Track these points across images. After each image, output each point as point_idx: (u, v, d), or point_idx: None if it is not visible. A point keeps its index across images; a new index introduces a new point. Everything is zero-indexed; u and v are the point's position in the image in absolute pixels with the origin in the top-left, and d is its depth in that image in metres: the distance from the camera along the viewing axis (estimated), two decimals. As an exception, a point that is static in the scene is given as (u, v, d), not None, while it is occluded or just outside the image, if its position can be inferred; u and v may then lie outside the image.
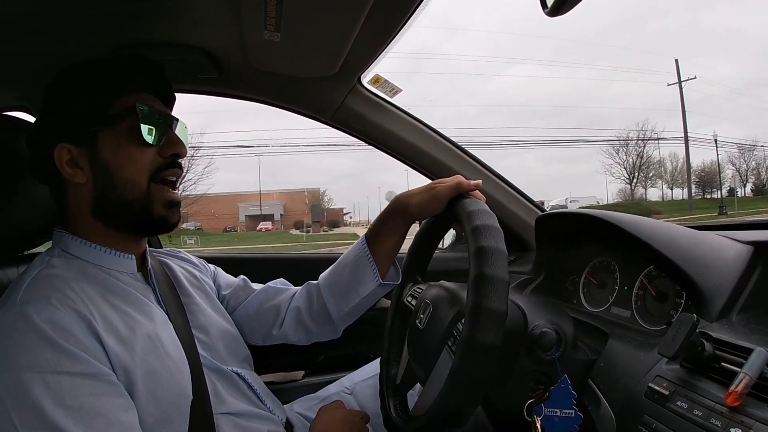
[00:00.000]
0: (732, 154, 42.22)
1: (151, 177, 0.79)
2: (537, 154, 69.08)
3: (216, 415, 0.79)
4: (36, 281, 0.70)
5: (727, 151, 42.86)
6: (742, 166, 42.98)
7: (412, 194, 0.93)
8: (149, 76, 0.85)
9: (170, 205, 0.82)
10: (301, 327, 1.05)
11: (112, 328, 0.69)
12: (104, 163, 0.77)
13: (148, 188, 0.79)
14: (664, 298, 0.84)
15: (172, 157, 0.82)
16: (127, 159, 0.78)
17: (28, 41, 0.93)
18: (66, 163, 0.77)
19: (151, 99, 0.83)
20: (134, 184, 0.78)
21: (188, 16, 0.96)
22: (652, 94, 52.07)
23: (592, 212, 0.98)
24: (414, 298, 0.92)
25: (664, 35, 75.18)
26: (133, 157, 0.78)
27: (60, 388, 0.61)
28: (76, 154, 0.77)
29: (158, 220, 0.81)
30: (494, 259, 0.64)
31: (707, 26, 79.84)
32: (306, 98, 1.33)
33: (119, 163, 0.77)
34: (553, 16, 0.64)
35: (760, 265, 0.73)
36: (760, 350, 0.54)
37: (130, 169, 0.78)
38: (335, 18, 0.91)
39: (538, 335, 0.72)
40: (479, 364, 0.60)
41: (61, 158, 0.77)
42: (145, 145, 0.79)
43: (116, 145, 0.77)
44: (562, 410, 0.70)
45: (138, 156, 0.78)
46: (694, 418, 0.55)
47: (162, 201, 0.80)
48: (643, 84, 50.18)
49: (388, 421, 0.86)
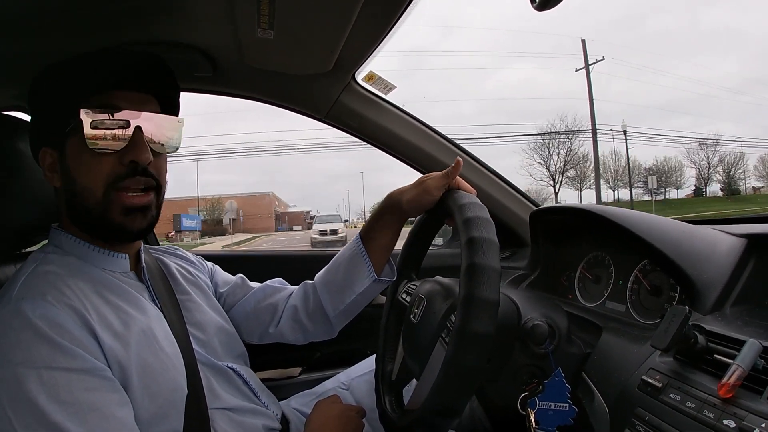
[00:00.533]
0: (692, 150, 41.09)
1: (109, 186, 0.74)
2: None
3: (211, 410, 0.80)
4: (31, 278, 0.70)
5: (686, 147, 42.11)
6: (702, 162, 41.75)
7: (403, 191, 0.94)
8: (124, 71, 0.78)
9: (128, 212, 0.76)
10: (297, 326, 1.05)
11: (106, 324, 0.69)
12: (68, 169, 0.76)
13: (104, 196, 0.74)
14: (658, 292, 0.84)
15: (131, 165, 0.75)
16: (84, 166, 0.74)
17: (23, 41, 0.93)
18: (47, 167, 0.77)
19: (124, 97, 0.76)
20: (89, 193, 0.75)
21: (183, 15, 0.96)
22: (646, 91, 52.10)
23: (586, 207, 0.98)
24: (408, 295, 0.92)
25: (663, 34, 75.19)
26: (89, 165, 0.74)
27: (55, 384, 0.61)
28: (55, 158, 0.77)
29: (117, 228, 0.76)
30: (485, 249, 0.65)
31: (706, 25, 79.92)
32: (300, 96, 1.33)
33: (79, 170, 0.75)
34: (541, 11, 0.64)
35: (754, 258, 0.73)
36: (752, 342, 0.54)
37: (87, 177, 0.74)
38: (328, 15, 0.91)
39: (531, 328, 0.72)
40: (472, 352, 0.60)
41: (44, 161, 0.78)
42: (100, 152, 0.74)
43: (78, 152, 0.74)
44: (556, 403, 0.70)
45: (94, 164, 0.74)
46: (687, 410, 0.55)
47: (119, 208, 0.75)
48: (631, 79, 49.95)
49: (384, 416, 0.86)
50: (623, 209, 0.92)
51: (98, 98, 0.75)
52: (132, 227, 0.77)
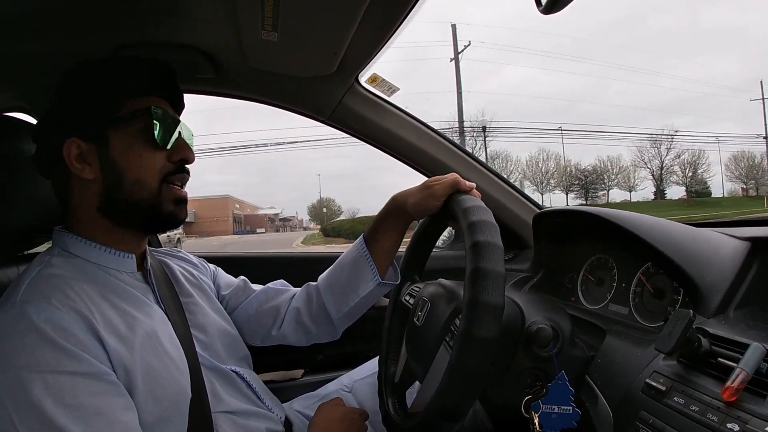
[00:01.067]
0: (643, 147, 37.19)
1: (163, 179, 0.80)
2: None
3: (215, 414, 0.80)
4: (36, 281, 0.70)
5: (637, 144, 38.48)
6: (653, 161, 37.90)
7: (409, 194, 0.93)
8: (163, 81, 0.86)
9: (178, 202, 0.83)
10: (300, 328, 1.05)
11: (111, 327, 0.70)
12: (114, 161, 0.77)
13: (159, 189, 0.80)
14: (661, 295, 0.84)
15: (180, 162, 0.83)
16: (138, 160, 0.78)
17: (25, 42, 0.94)
18: (75, 158, 0.77)
19: (163, 103, 0.84)
20: (143, 185, 0.78)
21: (186, 16, 0.97)
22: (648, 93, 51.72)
23: (589, 209, 0.98)
24: (412, 297, 0.92)
25: (664, 33, 74.94)
26: (144, 159, 0.79)
27: (60, 388, 0.61)
28: (86, 149, 0.77)
29: (167, 216, 0.82)
30: (490, 253, 0.64)
31: (708, 24, 79.69)
32: (304, 98, 1.33)
33: (129, 163, 0.78)
34: (547, 14, 0.64)
35: (757, 262, 0.73)
36: (756, 345, 0.54)
37: (140, 170, 0.78)
38: (332, 17, 0.92)
39: (535, 331, 0.72)
40: (476, 357, 0.60)
41: (70, 153, 0.77)
42: (156, 147, 0.80)
43: (127, 145, 0.78)
44: (559, 406, 0.70)
45: (148, 158, 0.79)
46: (691, 414, 0.55)
47: (171, 199, 0.81)
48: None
49: (387, 419, 0.86)
50: (626, 212, 0.92)
51: (143, 100, 0.80)
52: (180, 216, 0.84)
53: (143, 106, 0.79)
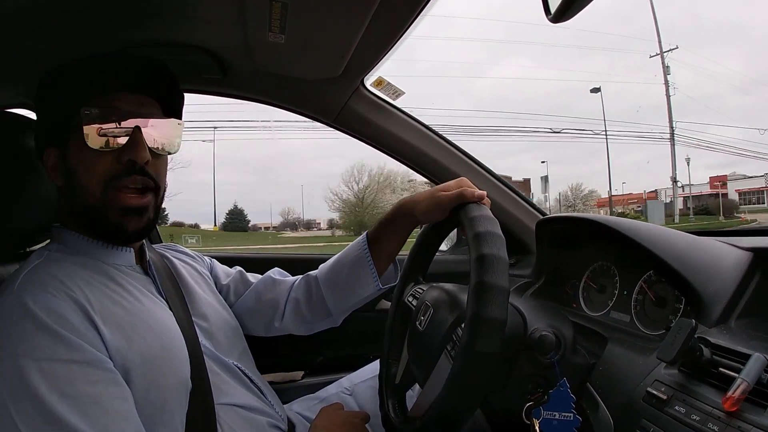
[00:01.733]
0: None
1: (106, 184, 0.75)
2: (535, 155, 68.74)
3: (218, 406, 0.80)
4: (34, 271, 0.71)
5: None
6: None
7: (417, 200, 0.93)
8: (126, 74, 0.80)
9: (125, 212, 0.77)
10: (300, 319, 1.06)
11: (109, 316, 0.70)
12: (69, 168, 0.77)
13: (102, 195, 0.76)
14: (663, 303, 0.84)
15: (128, 163, 0.76)
16: (83, 165, 0.76)
17: (31, 39, 0.94)
18: (51, 167, 0.79)
19: (126, 99, 0.78)
20: (88, 191, 0.76)
21: (193, 17, 0.97)
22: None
23: (592, 217, 0.98)
24: (415, 299, 0.92)
25: (663, 29, 74.55)
26: (87, 163, 0.75)
27: (56, 376, 0.61)
28: (58, 157, 0.78)
29: (113, 228, 0.77)
30: (495, 267, 0.64)
31: (709, 20, 79.32)
32: (309, 100, 1.33)
33: (79, 169, 0.76)
34: (556, 22, 0.64)
35: (760, 272, 0.73)
36: (757, 356, 0.54)
37: (86, 176, 0.76)
38: (340, 21, 0.92)
39: (538, 339, 0.72)
40: (477, 371, 0.60)
41: (48, 161, 0.79)
42: (99, 151, 0.75)
43: (78, 151, 0.76)
44: (560, 413, 0.70)
45: (91, 162, 0.75)
46: (692, 423, 0.55)
47: (116, 207, 0.76)
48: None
49: (387, 420, 0.86)
50: (629, 220, 0.92)
51: (100, 99, 0.76)
52: (128, 227, 0.78)
53: (101, 107, 0.75)
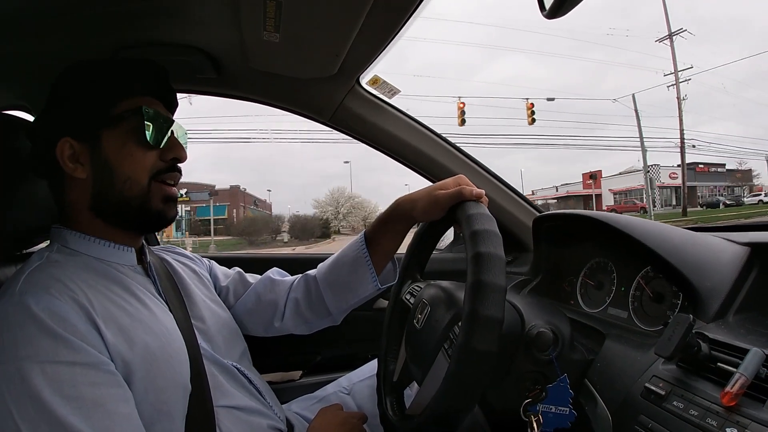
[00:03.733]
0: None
1: (152, 177, 0.81)
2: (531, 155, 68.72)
3: (217, 408, 0.79)
4: (35, 273, 0.70)
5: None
6: None
7: (414, 199, 0.93)
8: (155, 80, 0.87)
9: (167, 200, 0.83)
10: (300, 318, 1.05)
11: (111, 318, 0.70)
12: (106, 160, 0.78)
13: (148, 187, 0.81)
14: (660, 299, 0.84)
15: (172, 161, 0.84)
16: (129, 158, 0.79)
17: (28, 41, 0.94)
18: (68, 158, 0.78)
19: (155, 103, 0.85)
20: (134, 183, 0.79)
21: (187, 17, 0.97)
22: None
23: (588, 213, 0.98)
24: (412, 296, 0.92)
25: (660, 23, 74.53)
26: (135, 157, 0.80)
27: (58, 378, 0.61)
28: (78, 149, 0.78)
29: (156, 215, 0.82)
30: (492, 265, 0.63)
31: (708, 14, 79.32)
32: (305, 99, 1.33)
33: (121, 162, 0.79)
34: (551, 18, 0.64)
35: (757, 267, 0.73)
36: (755, 350, 0.54)
37: (132, 168, 0.79)
38: (334, 19, 0.92)
39: (535, 335, 0.72)
40: (474, 370, 0.60)
41: (63, 152, 0.78)
42: (148, 147, 0.80)
43: (119, 145, 0.79)
44: (557, 407, 0.70)
45: (140, 156, 0.80)
46: (690, 418, 0.55)
47: (160, 197, 0.82)
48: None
49: (384, 418, 0.86)
50: (626, 216, 0.92)
51: (135, 99, 0.81)
52: (169, 214, 0.84)
53: (135, 106, 0.80)
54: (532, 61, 60.74)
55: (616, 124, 59.45)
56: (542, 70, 62.29)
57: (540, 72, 63.30)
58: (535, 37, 57.38)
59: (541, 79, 62.66)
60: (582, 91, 62.37)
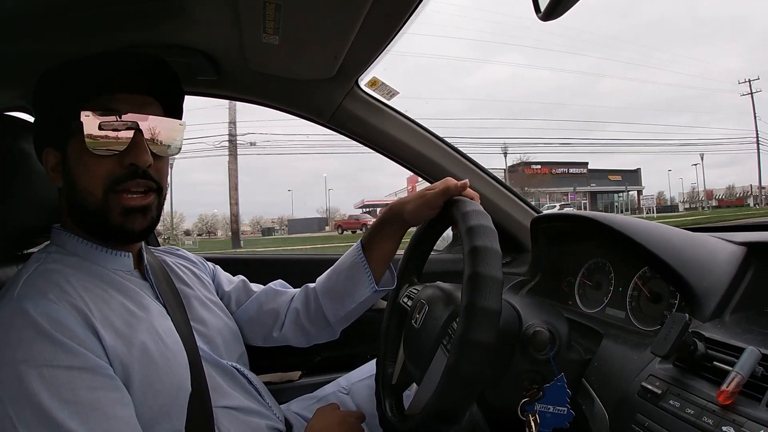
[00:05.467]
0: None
1: (108, 188, 0.75)
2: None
3: (216, 409, 0.80)
4: (33, 276, 0.70)
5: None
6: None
7: (405, 202, 0.94)
8: (126, 74, 0.79)
9: (128, 212, 0.76)
10: (300, 330, 1.05)
11: (109, 322, 0.70)
12: (70, 170, 0.76)
13: (104, 198, 0.75)
14: (658, 299, 0.84)
15: (131, 167, 0.76)
16: (84, 168, 0.75)
17: (27, 41, 0.94)
18: (51, 167, 0.78)
19: (126, 100, 0.77)
20: (89, 194, 0.75)
21: (187, 18, 0.97)
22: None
23: (586, 214, 0.99)
24: (410, 299, 0.92)
25: (659, 23, 74.38)
26: (88, 167, 0.75)
27: (57, 382, 0.61)
28: (58, 158, 0.78)
29: (117, 229, 0.77)
30: (488, 258, 0.65)
31: (707, 14, 79.24)
32: (304, 100, 1.34)
33: (79, 172, 0.75)
34: (546, 20, 0.64)
35: (753, 266, 0.74)
36: (752, 349, 0.54)
37: (86, 179, 0.75)
38: (333, 21, 0.92)
39: (532, 335, 0.72)
40: (473, 361, 0.61)
41: (47, 162, 0.78)
42: (100, 154, 0.74)
43: (78, 153, 0.75)
44: (555, 407, 0.70)
45: (94, 165, 0.74)
46: (687, 417, 0.55)
47: (119, 209, 0.76)
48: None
49: (384, 420, 0.86)
50: (623, 216, 0.93)
51: (100, 100, 0.75)
52: (132, 227, 0.77)
53: (95, 109, 0.74)
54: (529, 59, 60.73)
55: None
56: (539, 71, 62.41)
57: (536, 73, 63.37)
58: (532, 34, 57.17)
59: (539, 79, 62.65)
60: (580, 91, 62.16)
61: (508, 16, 67.69)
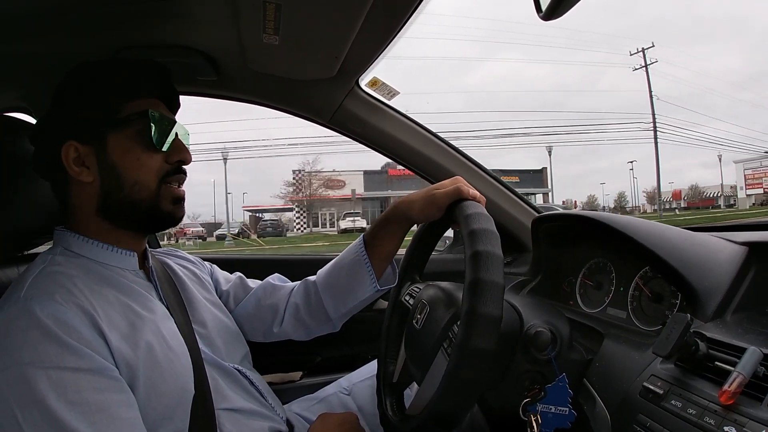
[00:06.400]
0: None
1: (161, 180, 0.81)
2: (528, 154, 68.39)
3: (217, 411, 0.80)
4: (39, 278, 0.70)
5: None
6: None
7: (411, 200, 0.93)
8: (159, 81, 0.87)
9: (176, 201, 0.84)
10: (300, 324, 1.05)
11: (115, 324, 0.70)
12: (112, 163, 0.78)
13: (158, 190, 0.81)
14: (659, 299, 0.84)
15: (178, 163, 0.84)
16: (136, 162, 0.79)
17: (27, 42, 0.94)
18: (73, 161, 0.77)
19: (160, 105, 0.85)
20: (142, 186, 0.80)
21: (187, 19, 0.97)
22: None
23: (587, 213, 0.98)
24: (412, 298, 0.92)
25: (659, 22, 74.12)
26: (142, 161, 0.80)
27: (63, 384, 0.61)
28: (84, 152, 0.78)
29: (166, 216, 0.83)
30: (490, 263, 0.64)
31: (706, 13, 79.09)
32: (304, 101, 1.33)
33: (128, 165, 0.79)
34: (547, 20, 0.64)
35: (755, 266, 0.74)
36: (753, 349, 0.54)
37: (139, 172, 0.79)
38: (333, 21, 0.92)
39: (533, 335, 0.72)
40: (473, 368, 0.60)
41: (68, 156, 0.77)
42: (154, 150, 0.81)
43: (125, 148, 0.79)
44: (556, 407, 0.70)
45: (147, 160, 0.80)
46: (688, 417, 0.55)
47: (169, 198, 0.82)
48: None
49: (384, 419, 0.86)
50: (625, 216, 0.93)
51: (142, 102, 0.81)
52: (178, 214, 0.85)
53: (141, 109, 0.80)
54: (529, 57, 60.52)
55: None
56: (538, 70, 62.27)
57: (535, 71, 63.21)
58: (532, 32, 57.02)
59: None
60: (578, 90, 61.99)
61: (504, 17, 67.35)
